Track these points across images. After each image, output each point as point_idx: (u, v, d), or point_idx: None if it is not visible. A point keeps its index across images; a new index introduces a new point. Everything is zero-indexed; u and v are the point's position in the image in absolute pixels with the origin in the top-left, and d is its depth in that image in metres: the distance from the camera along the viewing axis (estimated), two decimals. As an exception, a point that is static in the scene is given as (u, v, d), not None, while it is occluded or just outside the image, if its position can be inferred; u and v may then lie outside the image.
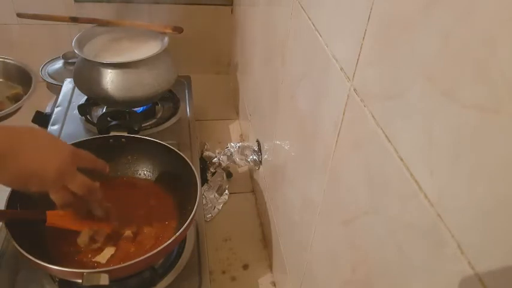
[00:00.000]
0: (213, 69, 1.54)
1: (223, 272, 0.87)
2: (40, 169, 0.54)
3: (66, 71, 1.29)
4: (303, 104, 0.64)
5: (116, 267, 0.59)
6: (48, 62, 1.36)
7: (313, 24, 0.57)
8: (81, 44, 0.97)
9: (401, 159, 0.36)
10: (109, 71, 0.92)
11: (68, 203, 0.60)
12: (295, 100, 0.69)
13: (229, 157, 1.01)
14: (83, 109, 1.01)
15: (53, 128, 0.97)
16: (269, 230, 0.90)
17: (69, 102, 1.06)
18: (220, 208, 0.99)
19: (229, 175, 1.06)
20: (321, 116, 0.56)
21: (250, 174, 1.10)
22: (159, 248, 0.60)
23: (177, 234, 0.61)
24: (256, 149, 1.00)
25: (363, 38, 0.42)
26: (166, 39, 0.98)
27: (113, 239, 0.69)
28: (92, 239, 0.68)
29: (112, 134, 0.81)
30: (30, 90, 1.04)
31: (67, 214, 0.65)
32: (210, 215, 0.97)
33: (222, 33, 1.46)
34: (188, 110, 1.07)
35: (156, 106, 1.06)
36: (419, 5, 0.33)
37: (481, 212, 0.27)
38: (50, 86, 1.29)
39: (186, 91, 1.14)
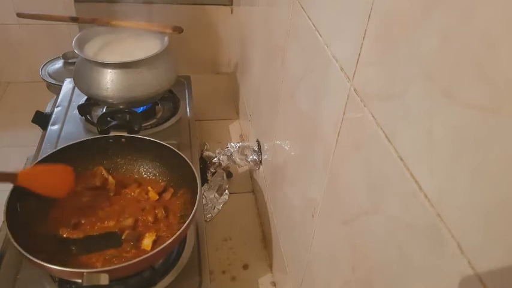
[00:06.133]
0: (213, 69, 1.55)
1: (223, 272, 0.87)
2: None
3: (66, 71, 1.29)
4: (303, 104, 0.64)
5: (116, 267, 0.59)
6: (48, 62, 1.36)
7: (313, 24, 0.57)
8: (81, 44, 0.97)
9: (401, 159, 0.36)
10: (109, 71, 0.92)
11: None
12: (295, 100, 0.69)
13: (229, 157, 1.01)
14: (83, 109, 1.00)
15: (53, 128, 0.97)
16: (269, 230, 0.90)
17: (69, 102, 1.06)
18: (220, 208, 0.99)
19: (229, 175, 1.06)
20: (321, 116, 0.56)
21: (250, 174, 1.10)
22: (159, 248, 0.60)
23: (177, 234, 0.61)
24: (256, 149, 1.00)
25: (363, 37, 0.42)
26: (166, 39, 0.98)
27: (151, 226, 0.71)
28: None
29: (112, 134, 0.81)
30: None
31: (41, 173, 0.68)
32: (210, 215, 0.97)
33: (222, 33, 1.46)
34: (188, 110, 1.07)
35: (156, 106, 1.06)
36: (420, 4, 0.33)
37: (481, 211, 0.27)
38: (50, 86, 1.29)
39: (186, 91, 1.14)
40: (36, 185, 0.67)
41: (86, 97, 1.05)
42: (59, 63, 1.34)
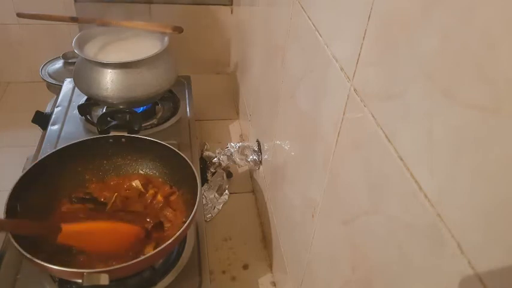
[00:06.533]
0: (213, 69, 1.55)
1: (223, 272, 0.87)
2: None
3: (66, 71, 1.29)
4: (303, 104, 0.64)
5: (116, 267, 0.58)
6: (48, 62, 1.36)
7: (313, 24, 0.57)
8: (81, 44, 0.97)
9: (401, 159, 0.36)
10: (109, 71, 0.92)
11: None
12: (295, 100, 0.69)
13: (229, 157, 1.01)
14: (83, 109, 1.01)
15: (53, 128, 0.97)
16: (269, 230, 0.90)
17: (69, 102, 1.06)
18: (220, 208, 0.99)
19: (229, 175, 1.06)
20: (321, 116, 0.56)
21: (250, 174, 1.10)
22: (159, 248, 0.60)
23: (177, 234, 0.61)
24: (256, 149, 1.00)
25: (363, 37, 0.42)
26: (166, 39, 0.98)
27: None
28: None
29: (112, 134, 0.81)
30: None
31: (84, 229, 0.61)
32: (210, 215, 0.97)
33: (222, 33, 1.46)
34: (188, 110, 1.07)
35: (156, 106, 1.06)
36: (420, 4, 0.33)
37: (481, 211, 0.27)
38: (50, 86, 1.29)
39: (186, 91, 1.14)
40: (83, 244, 0.61)
41: (86, 97, 1.05)
42: (59, 63, 1.34)
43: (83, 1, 1.29)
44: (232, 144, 1.02)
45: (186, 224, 0.63)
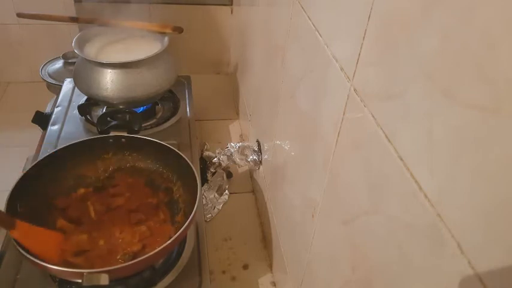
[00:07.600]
0: (213, 69, 1.55)
1: (223, 272, 0.87)
2: None
3: (66, 71, 1.29)
4: (303, 104, 0.64)
5: (116, 267, 0.58)
6: (48, 62, 1.36)
7: (313, 24, 0.57)
8: (81, 44, 0.97)
9: (401, 159, 0.36)
10: (109, 71, 0.92)
11: None
12: (295, 100, 0.69)
13: (229, 157, 1.01)
14: (83, 109, 1.00)
15: (52, 128, 0.97)
16: (269, 230, 0.90)
17: (69, 102, 1.06)
18: (220, 208, 0.99)
19: (229, 175, 1.06)
20: (321, 116, 0.56)
21: (250, 174, 1.10)
22: (159, 248, 0.60)
23: (177, 234, 0.61)
24: (256, 149, 1.00)
25: (363, 37, 0.42)
26: (166, 39, 0.98)
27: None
28: None
29: (112, 134, 0.81)
30: None
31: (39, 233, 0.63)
32: (210, 215, 0.97)
33: (222, 33, 1.46)
34: (188, 110, 1.07)
35: (156, 106, 1.06)
36: (420, 4, 0.33)
37: (481, 211, 0.27)
38: (50, 86, 1.29)
39: (186, 91, 1.14)
40: (29, 242, 0.60)
41: (86, 97, 1.05)
42: (59, 63, 1.34)
43: (83, 1, 1.29)
44: (232, 144, 1.02)
45: (186, 224, 0.63)
